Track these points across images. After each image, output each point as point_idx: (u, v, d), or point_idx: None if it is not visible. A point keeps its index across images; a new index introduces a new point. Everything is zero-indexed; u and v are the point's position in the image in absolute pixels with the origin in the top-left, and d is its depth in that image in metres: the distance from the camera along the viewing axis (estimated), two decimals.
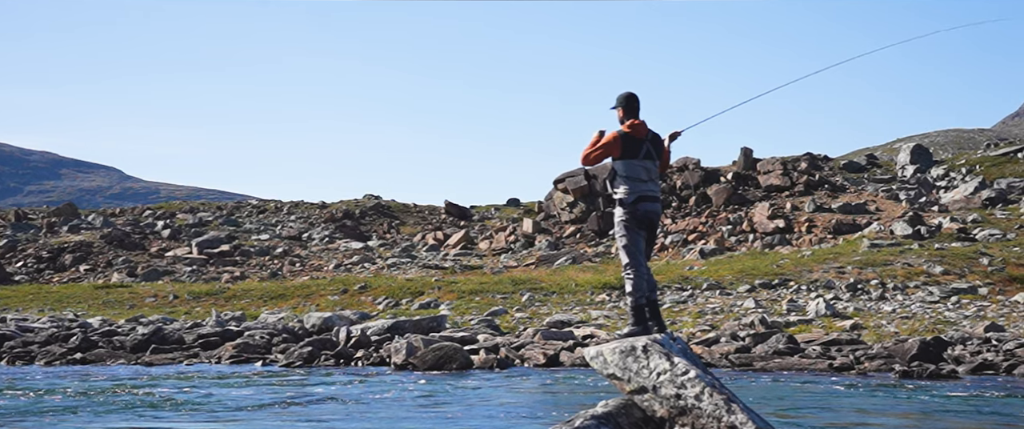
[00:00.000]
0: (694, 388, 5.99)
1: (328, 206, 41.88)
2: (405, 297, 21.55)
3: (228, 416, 8.63)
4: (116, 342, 16.02)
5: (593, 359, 6.49)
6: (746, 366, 12.73)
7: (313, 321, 16.95)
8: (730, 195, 31.54)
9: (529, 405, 9.18)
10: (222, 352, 15.09)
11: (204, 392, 10.46)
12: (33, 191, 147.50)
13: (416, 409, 8.98)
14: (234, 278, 28.63)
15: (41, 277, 31.11)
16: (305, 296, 22.84)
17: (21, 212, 42.89)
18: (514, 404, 9.19)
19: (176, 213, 41.89)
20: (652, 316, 6.78)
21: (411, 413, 8.70)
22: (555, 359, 13.33)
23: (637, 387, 6.23)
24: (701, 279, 21.11)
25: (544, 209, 35.16)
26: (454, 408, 8.96)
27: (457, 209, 39.73)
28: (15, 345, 16.06)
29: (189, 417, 8.61)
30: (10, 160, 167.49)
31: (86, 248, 33.59)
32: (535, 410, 8.80)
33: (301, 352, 14.11)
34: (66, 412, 8.92)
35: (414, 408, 9.05)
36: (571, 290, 20.99)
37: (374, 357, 13.94)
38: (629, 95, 6.99)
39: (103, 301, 24.00)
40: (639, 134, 6.84)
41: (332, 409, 9.05)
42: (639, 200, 6.79)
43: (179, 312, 21.56)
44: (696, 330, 15.27)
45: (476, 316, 17.93)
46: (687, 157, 34.49)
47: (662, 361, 6.15)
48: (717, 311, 17.37)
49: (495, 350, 13.84)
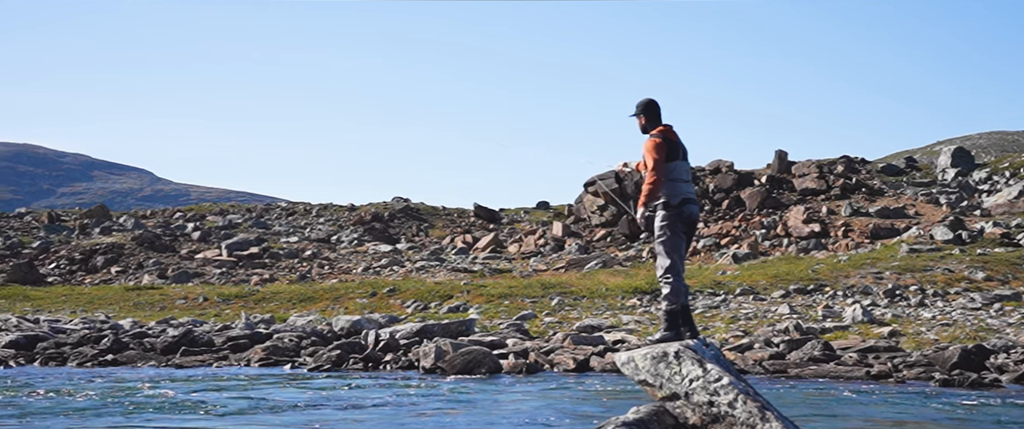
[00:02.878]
0: (727, 395, 5.94)
1: (357, 208, 42.11)
2: (434, 300, 21.60)
3: (256, 419, 8.69)
4: (147, 344, 16.21)
5: (624, 365, 6.46)
6: (780, 373, 12.62)
7: (342, 324, 17.03)
8: (764, 198, 31.30)
9: (558, 411, 9.16)
10: (251, 355, 15.21)
11: (233, 394, 10.55)
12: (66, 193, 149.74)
13: (443, 414, 8.99)
14: (263, 280, 28.86)
15: (73, 279, 31.56)
16: (334, 299, 22.97)
17: (54, 214, 43.56)
18: (543, 410, 9.17)
19: (206, 215, 42.33)
20: (685, 321, 6.75)
21: (438, 417, 8.71)
22: (585, 364, 13.29)
23: (669, 393, 6.20)
24: (734, 284, 20.97)
25: (574, 212, 35.10)
26: (482, 413, 8.96)
27: (486, 212, 39.77)
28: (48, 346, 16.29)
29: (218, 420, 8.69)
30: (44, 162, 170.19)
31: (117, 250, 34.03)
32: (564, 416, 8.77)
33: (330, 355, 14.18)
34: (95, 413, 9.03)
35: (441, 413, 9.06)
36: (601, 294, 20.94)
37: (402, 361, 13.98)
38: (650, 102, 7.04)
39: (134, 303, 24.29)
40: (674, 136, 6.85)
41: (358, 413, 9.09)
42: (683, 202, 6.78)
43: (209, 314, 21.78)
44: (729, 336, 15.16)
45: (505, 320, 17.93)
46: (720, 160, 34.30)
47: (695, 367, 6.11)
48: (750, 316, 17.24)
49: (524, 355, 13.83)
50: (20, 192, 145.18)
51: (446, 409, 9.31)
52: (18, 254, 34.62)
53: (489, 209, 40.14)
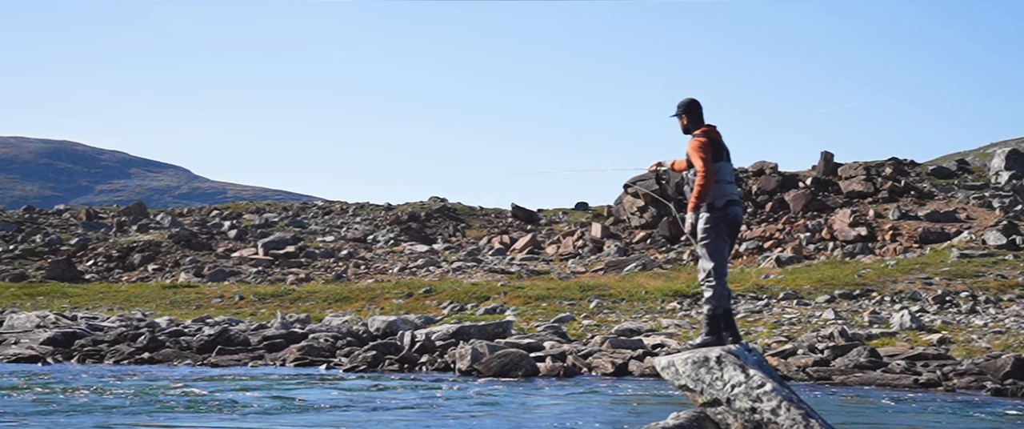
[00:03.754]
0: (770, 402, 5.89)
1: (393, 208, 42.35)
2: (470, 302, 21.65)
3: (280, 419, 8.79)
4: (183, 342, 16.43)
5: (664, 369, 6.44)
6: (824, 380, 12.49)
7: (377, 325, 17.13)
8: (809, 201, 30.98)
9: (596, 416, 9.14)
10: (287, 354, 15.36)
11: (263, 394, 10.67)
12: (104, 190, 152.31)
13: (469, 417, 9.03)
14: (299, 280, 29.13)
15: (111, 276, 32.08)
16: (369, 299, 23.12)
17: (92, 211, 44.33)
18: (572, 415, 9.16)
19: (242, 213, 42.83)
20: (726, 326, 6.70)
21: (463, 421, 8.74)
22: (623, 368, 13.25)
23: (710, 399, 6.16)
24: (777, 288, 20.78)
25: (613, 214, 35.00)
26: (507, 418, 8.97)
27: (524, 212, 39.79)
28: (85, 343, 16.58)
29: (242, 419, 8.80)
30: (83, 159, 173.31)
31: (154, 248, 34.53)
32: (593, 421, 8.75)
33: (365, 356, 14.27)
34: (124, 411, 9.18)
35: (466, 416, 9.10)
36: (641, 297, 20.85)
37: (438, 362, 14.03)
38: (692, 101, 7.02)
39: (170, 301, 24.64)
40: (718, 136, 6.82)
41: (383, 415, 9.15)
42: (727, 204, 6.74)
43: (244, 313, 22.02)
44: (771, 341, 15.02)
45: (542, 322, 17.92)
46: (764, 161, 34.01)
47: (737, 373, 6.06)
48: (794, 322, 17.07)
49: (562, 358, 13.81)
50: (59, 189, 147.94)
51: (473, 412, 9.34)
52: (56, 251, 35.28)
53: (527, 209, 40.15)
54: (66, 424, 8.35)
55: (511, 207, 40.48)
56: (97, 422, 8.47)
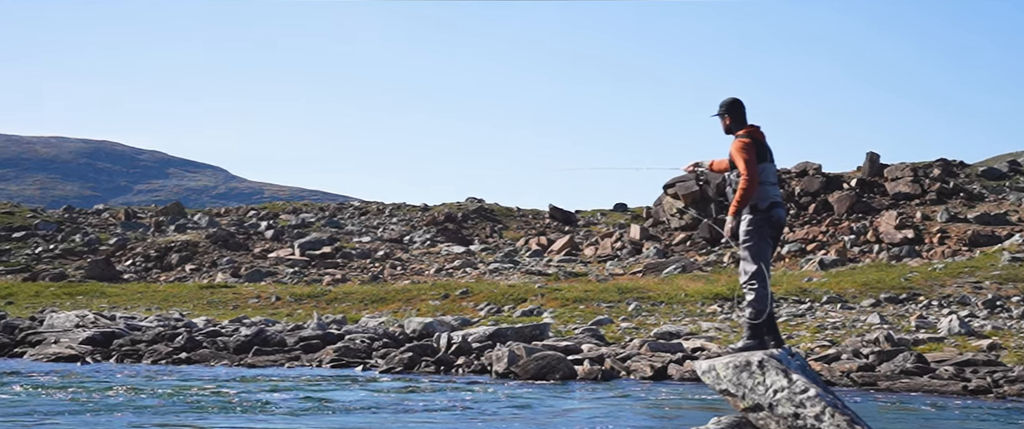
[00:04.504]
0: (814, 407, 5.83)
1: (430, 209, 42.51)
2: (507, 304, 21.67)
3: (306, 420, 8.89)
4: (220, 343, 16.62)
5: (705, 374, 6.40)
6: (869, 385, 12.33)
7: (413, 326, 17.20)
8: (854, 203, 30.61)
9: (628, 421, 9.11)
10: (323, 355, 15.47)
11: (296, 395, 10.78)
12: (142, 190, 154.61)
13: (498, 420, 9.06)
14: (335, 280, 29.34)
15: (149, 276, 32.55)
16: (406, 300, 23.22)
17: (131, 211, 45.01)
18: (611, 419, 9.13)
19: (279, 214, 43.24)
20: (769, 330, 6.65)
21: (491, 424, 8.77)
22: (663, 372, 13.18)
23: (752, 405, 6.11)
24: (820, 291, 20.56)
25: (652, 215, 34.84)
26: (535, 421, 8.97)
27: (562, 214, 39.75)
28: (123, 343, 16.83)
29: (269, 418, 8.90)
30: (121, 159, 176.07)
31: (192, 248, 34.98)
32: (633, 427, 8.72)
33: (401, 358, 14.34)
34: (155, 411, 9.31)
35: (495, 419, 9.12)
36: (680, 300, 20.74)
37: (475, 365, 14.06)
38: (735, 101, 6.96)
39: (207, 301, 24.94)
40: (761, 137, 6.76)
41: (412, 417, 9.20)
42: (771, 206, 6.69)
43: (281, 314, 22.23)
44: (815, 346, 14.86)
45: (580, 325, 17.89)
46: (807, 162, 33.67)
47: (780, 378, 6.01)
48: (838, 326, 16.87)
49: (600, 361, 13.77)
50: (98, 189, 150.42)
51: (502, 415, 9.36)
52: (96, 251, 35.87)
53: (564, 211, 40.10)
54: (95, 423, 8.49)
55: (548, 208, 40.46)
56: (127, 421, 8.60)
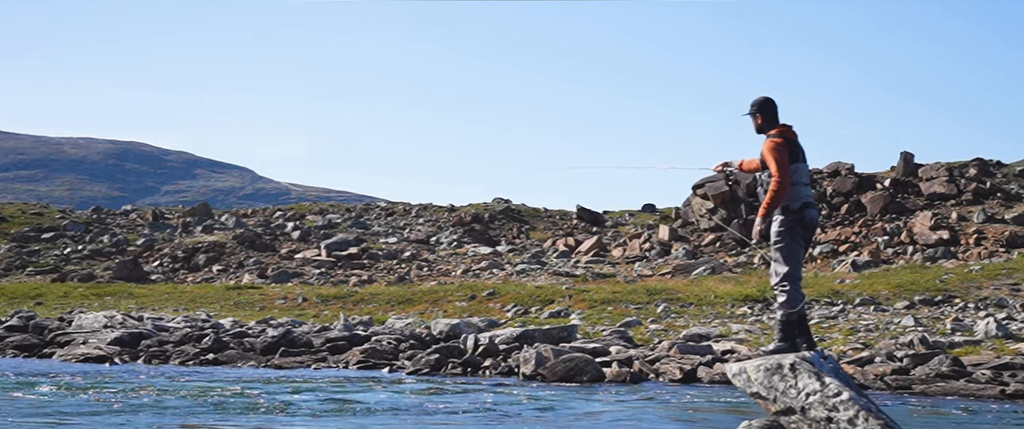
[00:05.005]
0: (847, 411, 5.78)
1: (457, 209, 42.58)
2: (534, 305, 21.67)
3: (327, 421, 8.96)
4: (247, 344, 16.75)
5: (735, 376, 6.36)
6: (904, 389, 12.20)
7: (440, 328, 17.24)
8: (887, 203, 30.32)
9: (660, 424, 9.07)
10: (349, 357, 15.55)
11: (320, 396, 10.85)
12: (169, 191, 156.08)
13: (520, 422, 9.07)
14: (362, 282, 29.47)
15: (176, 277, 32.85)
16: (432, 301, 23.28)
17: (158, 211, 45.46)
18: (634, 422, 9.11)
19: (306, 215, 43.49)
20: (801, 332, 6.60)
21: (523, 426, 8.78)
22: (692, 374, 13.13)
23: (783, 408, 6.07)
24: (853, 293, 20.38)
25: (681, 216, 34.69)
26: (568, 424, 8.96)
27: (589, 214, 39.68)
28: (151, 344, 17.00)
29: (289, 418, 8.96)
30: (149, 160, 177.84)
31: (219, 248, 35.27)
32: None
33: (428, 359, 14.38)
34: (175, 411, 9.40)
35: (517, 421, 9.14)
36: (710, 302, 20.64)
37: (502, 366, 14.07)
38: (767, 100, 6.92)
39: (234, 302, 25.13)
40: (794, 137, 6.72)
41: (432, 418, 9.23)
42: (803, 207, 6.64)
43: (307, 315, 22.36)
44: (847, 348, 14.74)
45: (608, 327, 17.85)
46: (839, 162, 33.39)
47: (812, 381, 5.96)
48: (871, 328, 16.72)
49: (628, 363, 13.74)
50: (126, 189, 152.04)
51: (525, 417, 9.38)
52: (123, 251, 36.26)
53: (592, 211, 40.03)
54: (117, 423, 8.58)
55: (576, 209, 40.41)
56: (149, 422, 8.70)
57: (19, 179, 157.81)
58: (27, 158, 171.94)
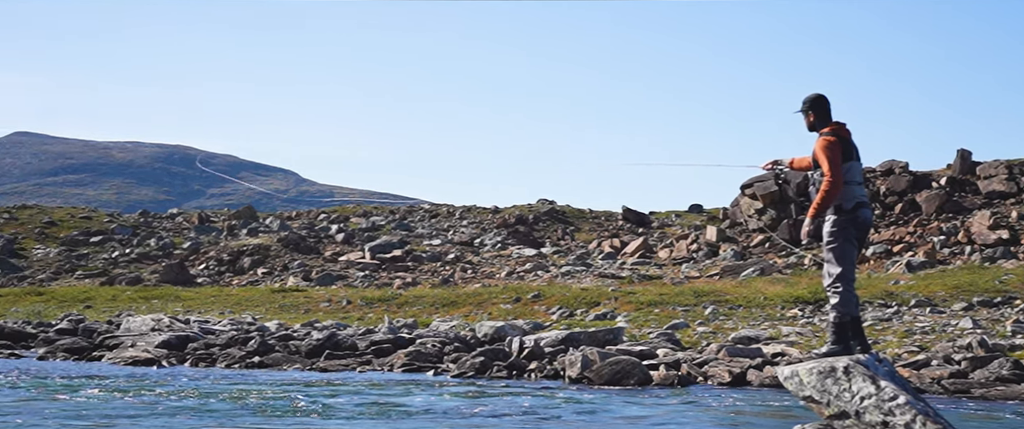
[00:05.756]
0: (904, 416, 5.68)
1: (501, 211, 42.64)
2: (580, 307, 21.62)
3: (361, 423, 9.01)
4: (292, 347, 16.91)
5: (787, 379, 6.29)
6: (962, 393, 11.97)
7: (485, 330, 17.27)
8: (943, 202, 29.80)
9: (704, 428, 9.00)
10: (394, 360, 15.63)
11: (361, 399, 10.92)
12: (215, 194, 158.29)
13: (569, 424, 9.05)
14: (406, 284, 29.63)
15: (221, 279, 33.30)
16: (477, 304, 23.33)
17: (204, 215, 46.13)
18: (688, 427, 9.04)
19: (349, 217, 43.84)
20: (855, 335, 6.51)
21: None
22: (742, 378, 13.00)
23: (837, 412, 5.98)
24: (908, 294, 20.05)
25: (729, 216, 34.40)
26: (620, 428, 8.91)
27: (635, 215, 39.51)
28: (197, 347, 17.24)
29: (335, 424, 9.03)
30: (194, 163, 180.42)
31: (264, 251, 35.68)
32: None
33: (473, 362, 14.41)
34: (212, 413, 9.52)
35: (569, 423, 9.12)
36: (759, 304, 20.43)
37: (548, 370, 14.05)
38: (819, 97, 6.83)
39: (279, 305, 25.40)
40: (847, 135, 6.63)
41: (469, 421, 9.24)
42: (857, 206, 6.55)
43: (352, 318, 22.53)
44: (902, 351, 14.50)
45: (655, 329, 17.76)
46: (893, 160, 32.87)
47: (867, 384, 5.87)
48: (927, 331, 16.44)
49: (676, 366, 13.65)
50: (172, 193, 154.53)
51: (566, 420, 9.36)
52: (170, 254, 36.84)
53: (638, 212, 39.86)
54: (153, 426, 8.72)
55: (622, 209, 40.26)
56: (188, 424, 8.82)
57: (68, 183, 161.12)
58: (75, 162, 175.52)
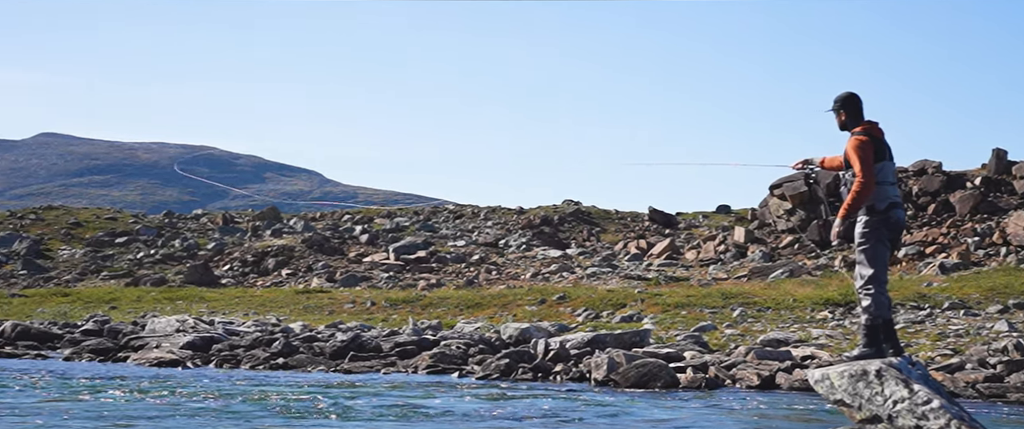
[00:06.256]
0: (938, 420, 5.61)
1: (526, 212, 42.62)
2: (606, 309, 21.56)
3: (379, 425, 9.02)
4: (316, 348, 16.98)
5: (818, 383, 6.23)
6: (997, 397, 11.83)
7: (510, 332, 17.26)
8: (978, 203, 29.46)
9: None
10: (419, 362, 15.66)
11: (382, 401, 10.96)
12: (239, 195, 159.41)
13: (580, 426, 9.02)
14: (430, 285, 29.67)
15: (246, 280, 33.50)
16: (502, 305, 23.33)
17: (228, 215, 46.45)
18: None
19: (374, 218, 43.98)
20: (887, 337, 6.43)
21: None
22: (770, 381, 12.91)
23: (869, 416, 5.92)
24: (941, 297, 19.83)
25: (758, 217, 34.19)
26: None
27: (662, 216, 39.37)
28: (222, 348, 17.35)
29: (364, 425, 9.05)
30: (219, 164, 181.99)
31: (288, 252, 35.86)
32: None
33: (498, 364, 14.40)
34: (254, 415, 9.55)
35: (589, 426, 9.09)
36: (788, 306, 20.29)
37: (573, 372, 14.02)
38: (850, 95, 6.77)
39: (303, 306, 25.52)
40: (880, 134, 6.57)
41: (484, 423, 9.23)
42: (890, 207, 6.48)
43: (376, 319, 22.59)
44: (935, 354, 14.34)
45: (682, 331, 17.67)
46: (926, 160, 32.55)
47: (899, 388, 5.80)
48: (961, 334, 16.25)
49: (703, 369, 13.58)
50: (197, 194, 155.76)
51: (588, 422, 9.34)
52: (194, 255, 37.12)
53: (665, 213, 39.71)
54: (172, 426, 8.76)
55: (648, 210, 40.12)
56: (203, 424, 8.88)
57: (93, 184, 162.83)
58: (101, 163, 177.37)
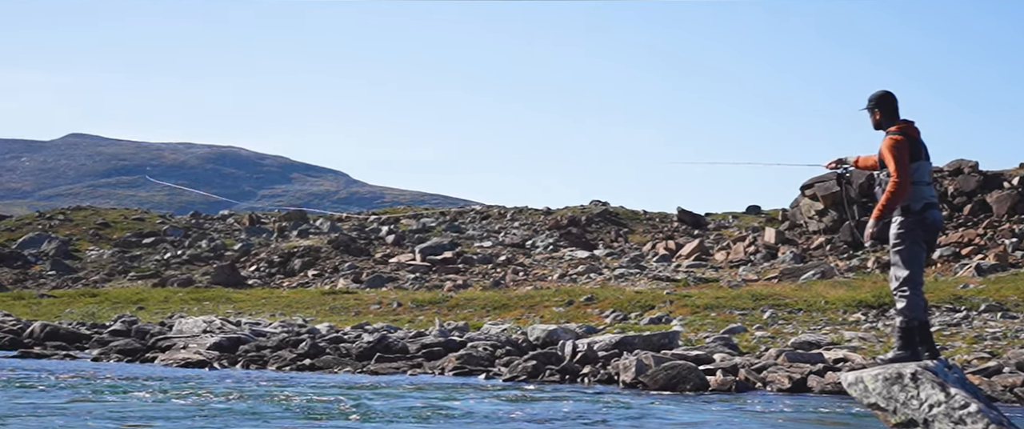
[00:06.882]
0: (976, 424, 5.53)
1: (553, 212, 42.58)
2: (634, 311, 21.49)
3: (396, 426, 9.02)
4: (343, 349, 17.04)
5: (851, 386, 6.16)
6: None
7: (537, 334, 17.24)
8: (1016, 203, 29.10)
9: None
10: (445, 363, 15.67)
11: (403, 402, 10.98)
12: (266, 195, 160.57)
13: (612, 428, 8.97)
14: (456, 286, 29.71)
15: (272, 281, 33.70)
16: (529, 307, 23.31)
17: (255, 216, 46.77)
18: None
19: (400, 218, 44.12)
20: (922, 340, 6.36)
21: None
22: (802, 384, 12.79)
23: (904, 420, 5.85)
24: (978, 299, 19.60)
25: (788, 217, 33.96)
26: None
27: (691, 216, 39.20)
28: (249, 349, 17.45)
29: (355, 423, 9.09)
30: (246, 164, 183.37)
31: (314, 253, 36.04)
32: None
33: (525, 366, 14.38)
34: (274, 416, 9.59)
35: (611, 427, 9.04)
36: (820, 308, 20.13)
37: (601, 374, 13.98)
38: (886, 94, 6.70)
39: (330, 307, 25.64)
40: (916, 133, 6.50)
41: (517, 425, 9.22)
42: (925, 207, 6.42)
43: (403, 320, 22.64)
44: (972, 358, 14.16)
45: (711, 333, 17.58)
46: (962, 159, 32.20)
47: (936, 391, 5.73)
48: (998, 336, 16.04)
49: (733, 371, 13.48)
50: (224, 194, 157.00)
51: (611, 424, 9.30)
52: (221, 256, 37.40)
53: (694, 213, 39.54)
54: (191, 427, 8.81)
55: (677, 211, 39.97)
56: (224, 424, 8.92)
57: (121, 185, 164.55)
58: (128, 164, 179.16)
